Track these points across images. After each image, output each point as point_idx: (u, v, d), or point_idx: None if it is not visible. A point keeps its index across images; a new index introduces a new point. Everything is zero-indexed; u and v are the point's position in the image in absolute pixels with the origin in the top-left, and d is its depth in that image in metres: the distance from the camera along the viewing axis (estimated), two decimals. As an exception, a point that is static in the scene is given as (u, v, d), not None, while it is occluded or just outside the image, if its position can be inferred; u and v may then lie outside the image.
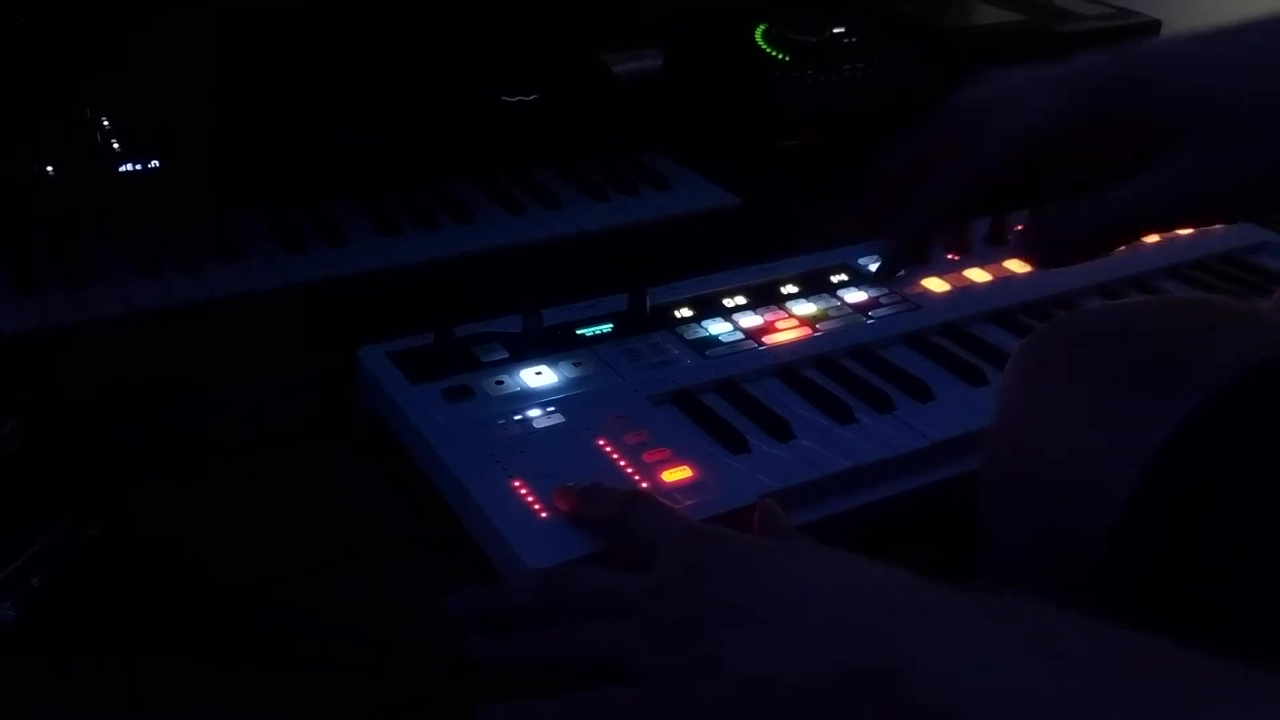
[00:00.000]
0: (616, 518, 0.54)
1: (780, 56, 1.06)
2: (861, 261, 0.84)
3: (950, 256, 0.85)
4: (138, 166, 0.81)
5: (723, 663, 0.43)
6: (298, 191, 0.87)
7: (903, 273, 0.77)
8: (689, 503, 0.58)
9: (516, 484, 0.59)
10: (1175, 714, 0.35)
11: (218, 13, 0.82)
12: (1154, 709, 0.35)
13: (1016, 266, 0.85)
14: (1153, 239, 0.89)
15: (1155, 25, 1.17)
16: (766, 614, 0.44)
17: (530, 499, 0.58)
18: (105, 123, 0.81)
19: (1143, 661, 0.37)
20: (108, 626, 0.53)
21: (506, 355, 0.70)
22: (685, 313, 0.76)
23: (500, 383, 0.67)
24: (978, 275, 0.83)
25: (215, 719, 0.51)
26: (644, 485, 0.59)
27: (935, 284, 0.82)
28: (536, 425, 0.64)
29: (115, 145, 0.81)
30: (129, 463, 0.64)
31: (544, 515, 0.57)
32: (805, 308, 0.77)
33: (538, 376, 0.68)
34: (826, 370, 0.72)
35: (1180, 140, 0.44)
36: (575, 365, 0.69)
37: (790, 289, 0.79)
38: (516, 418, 0.64)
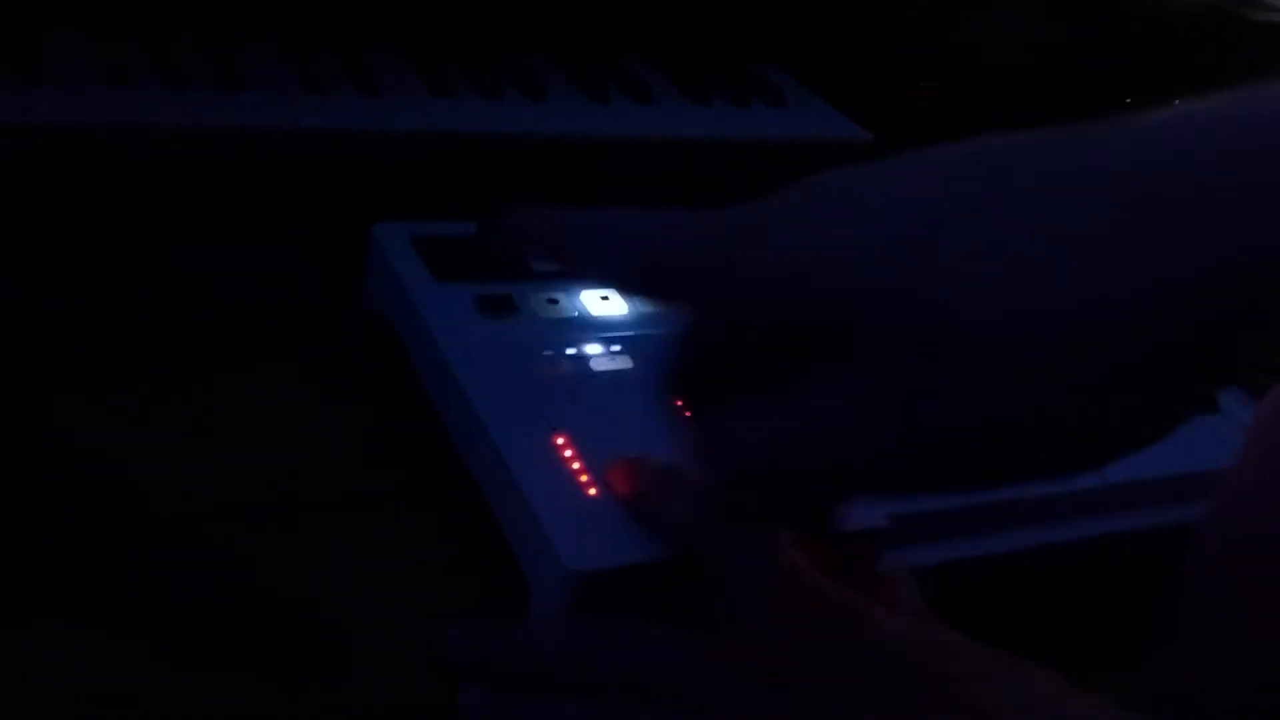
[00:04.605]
0: (700, 531, 0.38)
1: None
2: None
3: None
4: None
5: None
6: (327, 26, 0.69)
7: None
8: (795, 513, 0.42)
9: (560, 441, 0.43)
10: None
11: None
12: None
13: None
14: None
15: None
16: None
17: (576, 465, 0.43)
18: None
19: None
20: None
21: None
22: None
23: (554, 301, 0.51)
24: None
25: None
26: (735, 476, 0.43)
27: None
28: (595, 367, 0.49)
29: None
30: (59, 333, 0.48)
31: (592, 492, 0.42)
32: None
33: (604, 302, 0.52)
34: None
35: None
36: (654, 297, 0.53)
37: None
38: (570, 351, 0.49)
